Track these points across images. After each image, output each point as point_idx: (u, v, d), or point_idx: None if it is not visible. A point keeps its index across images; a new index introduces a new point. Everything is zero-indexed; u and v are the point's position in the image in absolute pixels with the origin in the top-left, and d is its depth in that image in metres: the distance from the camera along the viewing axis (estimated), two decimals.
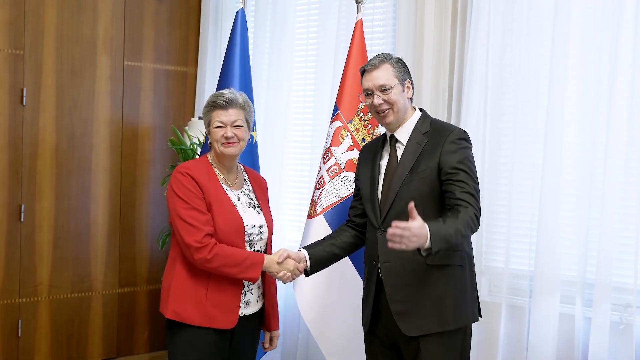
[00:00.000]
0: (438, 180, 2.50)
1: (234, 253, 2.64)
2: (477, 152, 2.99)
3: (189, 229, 2.61)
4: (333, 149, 3.30)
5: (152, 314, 4.59)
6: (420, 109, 2.69)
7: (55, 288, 4.23)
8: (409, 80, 2.64)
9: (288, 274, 2.70)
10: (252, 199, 2.81)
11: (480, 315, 2.66)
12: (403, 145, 2.60)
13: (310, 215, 3.32)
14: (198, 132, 4.18)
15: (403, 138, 2.61)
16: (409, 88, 2.64)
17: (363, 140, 3.28)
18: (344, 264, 3.10)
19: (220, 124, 2.70)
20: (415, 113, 2.66)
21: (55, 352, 4.25)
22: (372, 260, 2.63)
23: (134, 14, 4.49)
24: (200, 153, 3.77)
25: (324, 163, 3.31)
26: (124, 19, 4.45)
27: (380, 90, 2.58)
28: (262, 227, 2.77)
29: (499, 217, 3.26)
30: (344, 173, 3.26)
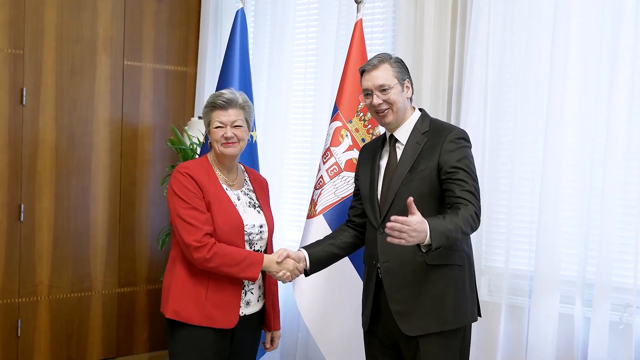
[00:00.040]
0: (437, 180, 2.50)
1: (233, 252, 2.63)
2: (477, 152, 2.99)
3: (189, 229, 2.61)
4: (333, 149, 3.30)
5: (151, 314, 4.59)
6: (420, 109, 2.69)
7: (55, 288, 4.23)
8: (409, 80, 2.64)
9: (287, 274, 2.70)
10: (252, 199, 2.81)
11: (480, 315, 2.66)
12: (402, 145, 2.60)
13: (310, 215, 3.32)
14: (198, 132, 4.18)
15: (402, 138, 2.61)
16: (409, 88, 2.64)
17: (363, 140, 3.27)
18: (344, 264, 3.10)
19: (220, 124, 2.70)
20: (415, 113, 2.66)
21: (55, 351, 4.25)
22: (371, 260, 2.63)
23: (134, 14, 4.49)
24: (200, 153, 3.77)
25: (324, 163, 3.31)
26: (124, 19, 4.45)
27: (380, 90, 2.58)
28: (262, 226, 2.77)
29: (499, 217, 3.26)
30: (344, 173, 3.26)
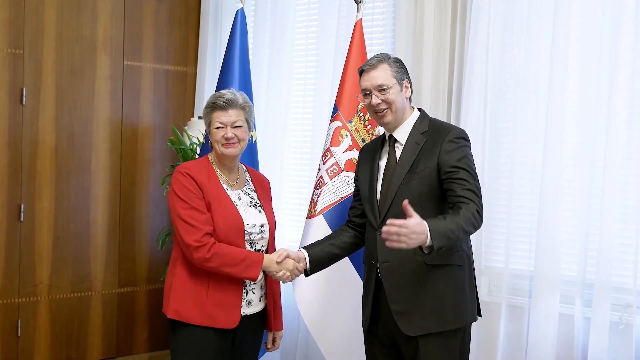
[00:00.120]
0: (437, 180, 2.50)
1: (233, 252, 2.63)
2: (476, 152, 2.99)
3: (188, 229, 2.61)
4: (333, 149, 3.30)
5: (151, 314, 4.59)
6: (419, 109, 2.68)
7: (55, 288, 4.23)
8: (407, 80, 2.64)
9: (287, 274, 2.69)
10: (253, 199, 2.81)
11: (480, 315, 2.66)
12: (402, 145, 2.59)
13: (310, 215, 3.32)
14: (198, 132, 4.18)
15: (402, 138, 2.61)
16: (407, 88, 2.63)
17: (362, 140, 3.27)
18: (344, 264, 3.10)
19: (221, 125, 2.70)
20: (414, 113, 2.66)
21: (55, 351, 4.25)
22: (371, 260, 2.63)
23: (134, 14, 4.49)
24: (200, 153, 3.77)
25: (324, 163, 3.31)
26: (124, 19, 4.45)
27: (379, 90, 2.58)
28: (263, 226, 2.77)
29: (499, 217, 3.26)
30: (344, 173, 3.26)
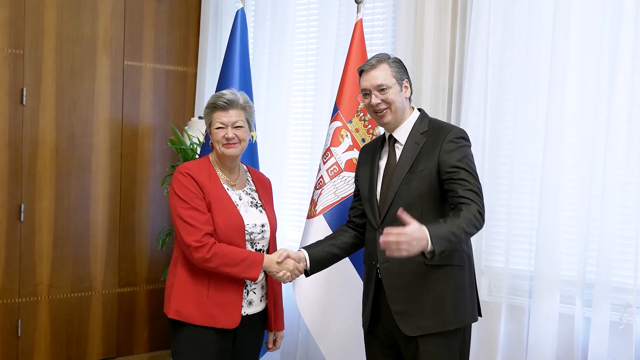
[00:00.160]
0: (437, 180, 2.49)
1: (233, 252, 2.63)
2: (477, 152, 2.98)
3: (189, 229, 2.62)
4: (333, 149, 3.30)
5: (151, 314, 4.59)
6: (419, 109, 2.68)
7: (55, 288, 4.23)
8: (407, 80, 2.63)
9: (288, 274, 2.69)
10: (254, 198, 2.81)
11: (480, 315, 2.65)
12: (402, 146, 2.59)
13: (310, 215, 3.32)
14: (198, 132, 4.18)
15: (401, 138, 2.60)
16: (407, 88, 2.63)
17: (363, 140, 3.27)
18: (344, 264, 3.09)
19: (221, 125, 2.70)
20: (414, 113, 2.65)
21: (55, 351, 4.25)
22: (371, 260, 2.63)
23: (134, 14, 4.49)
24: (200, 153, 3.77)
25: (324, 163, 3.31)
26: (124, 19, 4.45)
27: (378, 90, 2.57)
28: (264, 226, 2.77)
29: (499, 217, 3.25)
30: (344, 173, 3.26)
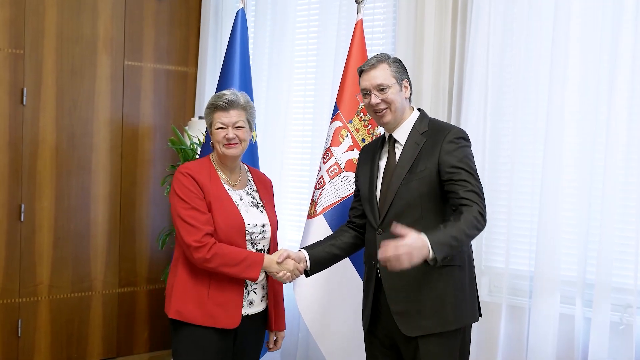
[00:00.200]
0: (437, 180, 2.49)
1: (233, 253, 2.63)
2: (477, 152, 2.98)
3: (189, 229, 2.62)
4: (333, 149, 3.30)
5: (152, 314, 4.59)
6: (418, 109, 2.68)
7: (55, 288, 4.23)
8: (407, 80, 2.63)
9: (288, 274, 2.69)
10: (255, 199, 2.81)
11: (481, 315, 2.65)
12: (401, 146, 2.59)
13: (310, 215, 3.32)
14: (198, 132, 4.18)
15: (401, 138, 2.60)
16: (407, 88, 2.63)
17: (363, 141, 3.27)
18: (344, 264, 3.09)
19: (222, 125, 2.70)
20: (413, 113, 2.65)
21: (55, 351, 4.25)
22: (371, 261, 2.62)
23: (134, 14, 4.49)
24: (201, 153, 3.77)
25: (324, 163, 3.31)
26: (124, 19, 4.45)
27: (378, 90, 2.57)
28: (264, 226, 2.77)
29: (499, 217, 3.25)
30: (344, 173, 3.26)
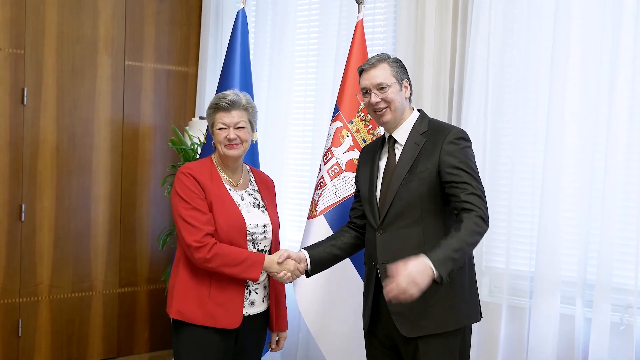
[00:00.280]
0: (437, 181, 2.49)
1: (234, 253, 2.63)
2: (477, 152, 2.97)
3: (189, 229, 2.62)
4: (333, 149, 3.30)
5: (152, 314, 4.59)
6: (418, 109, 2.67)
7: (56, 288, 4.23)
8: (407, 80, 2.63)
9: (288, 274, 2.69)
10: (257, 199, 2.81)
11: (481, 316, 2.65)
12: (401, 146, 2.58)
13: (311, 216, 3.32)
14: (199, 132, 4.18)
15: (401, 139, 2.60)
16: (407, 88, 2.62)
17: (364, 141, 3.27)
18: (345, 264, 3.09)
19: (223, 126, 2.70)
20: (413, 113, 2.64)
21: (56, 351, 4.25)
22: (371, 261, 2.62)
23: (135, 14, 4.49)
24: (201, 153, 3.77)
25: (325, 163, 3.31)
26: (125, 19, 4.45)
27: (378, 89, 2.57)
28: (266, 226, 2.77)
29: (500, 217, 3.25)
30: (345, 173, 3.26)
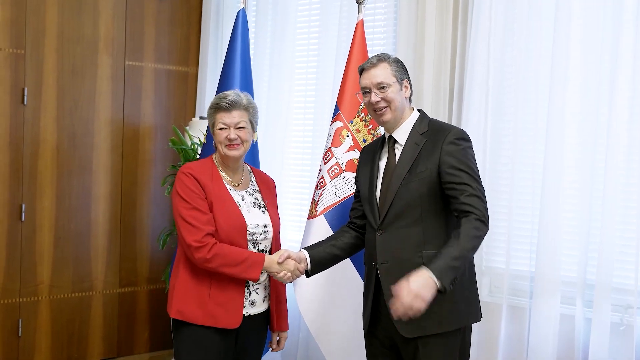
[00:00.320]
0: (437, 181, 2.48)
1: (234, 253, 2.63)
2: (477, 152, 2.97)
3: (190, 229, 2.62)
4: (334, 149, 3.30)
5: (152, 314, 4.59)
6: (418, 110, 2.67)
7: (56, 288, 4.23)
8: (407, 80, 2.62)
9: (288, 275, 2.69)
10: (257, 199, 2.81)
11: (481, 316, 2.65)
12: (401, 146, 2.58)
13: (311, 216, 3.32)
14: (199, 132, 4.18)
15: (401, 139, 2.59)
16: (407, 88, 2.62)
17: (364, 141, 3.27)
18: (345, 264, 3.09)
19: (224, 126, 2.69)
20: (413, 113, 2.64)
21: (56, 351, 4.25)
22: (371, 261, 2.61)
23: (135, 14, 4.50)
24: (201, 153, 3.77)
25: (325, 163, 3.31)
26: (125, 19, 4.45)
27: (378, 88, 2.57)
28: (266, 226, 2.76)
29: (500, 217, 3.25)
30: (345, 173, 3.26)
